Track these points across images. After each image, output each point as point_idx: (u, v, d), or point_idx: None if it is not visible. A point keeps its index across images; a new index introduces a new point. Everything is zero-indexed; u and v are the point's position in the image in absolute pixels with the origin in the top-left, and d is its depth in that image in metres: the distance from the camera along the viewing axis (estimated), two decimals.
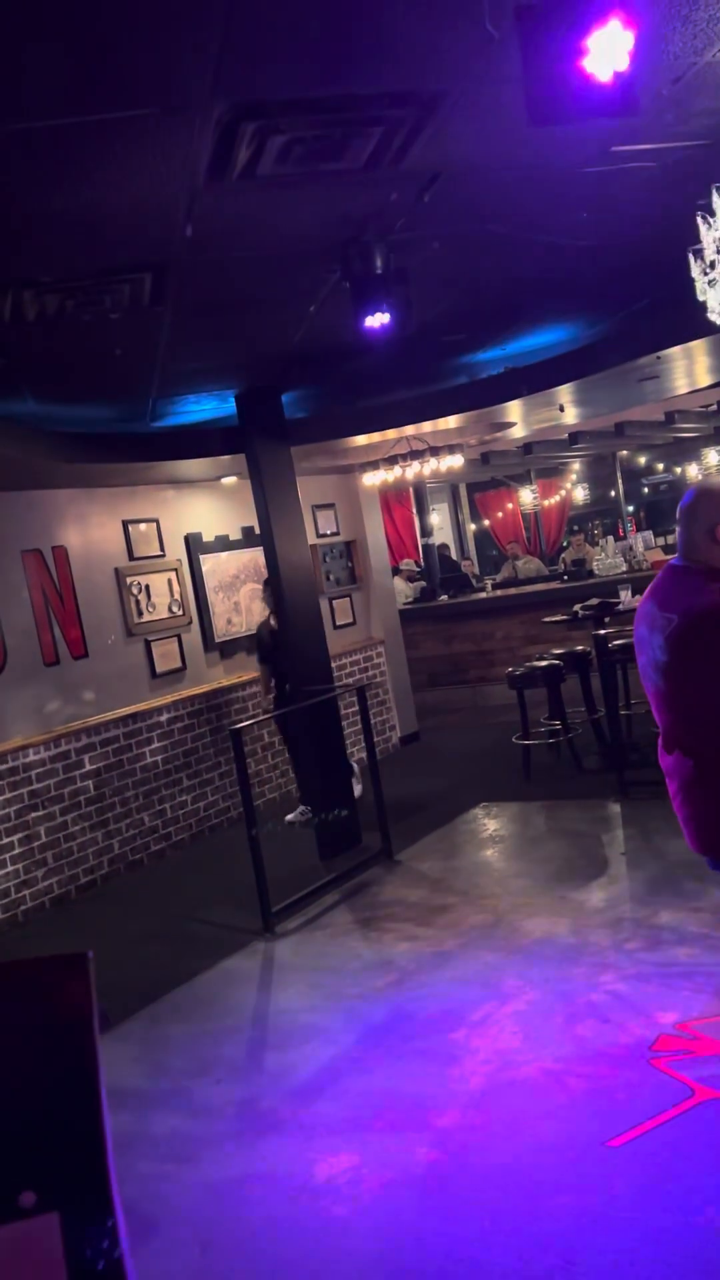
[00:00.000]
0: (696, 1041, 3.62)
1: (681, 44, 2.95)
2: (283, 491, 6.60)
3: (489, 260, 4.79)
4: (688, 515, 2.86)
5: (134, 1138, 3.64)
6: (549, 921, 4.91)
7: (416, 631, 11.13)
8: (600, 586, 9.61)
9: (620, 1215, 2.84)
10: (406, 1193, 3.12)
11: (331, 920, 5.48)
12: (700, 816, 2.92)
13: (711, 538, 2.79)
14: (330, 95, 2.92)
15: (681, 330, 5.95)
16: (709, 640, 2.73)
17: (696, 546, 2.83)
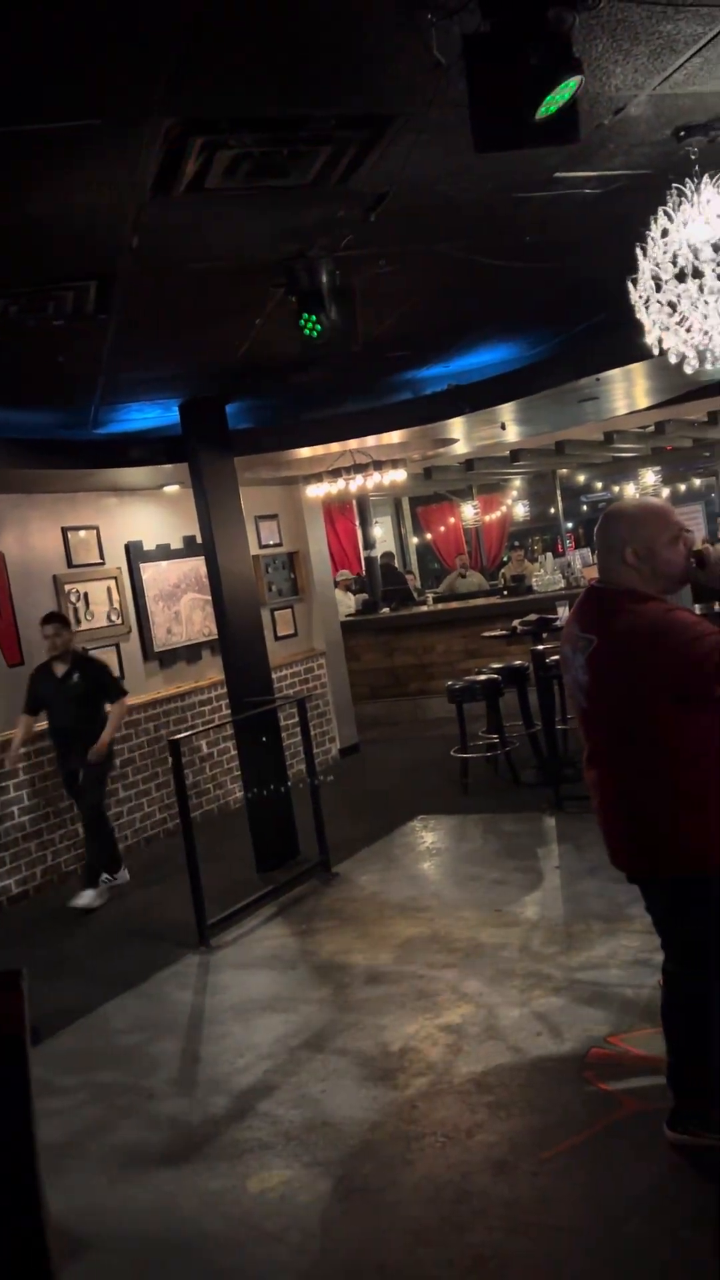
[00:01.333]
0: (626, 1054, 3.68)
1: (623, 77, 3.02)
2: (225, 502, 6.59)
3: (434, 279, 4.85)
4: (602, 539, 2.94)
5: (65, 1153, 3.60)
6: (484, 934, 4.95)
7: (358, 644, 11.17)
8: (539, 602, 9.73)
9: (551, 1225, 2.87)
10: (338, 1205, 3.12)
11: (268, 933, 5.47)
12: (619, 833, 2.98)
13: (625, 560, 2.86)
14: (279, 114, 2.95)
15: (621, 354, 6.07)
16: (626, 660, 2.80)
17: (612, 569, 2.90)
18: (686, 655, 2.72)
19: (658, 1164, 3.05)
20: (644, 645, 2.77)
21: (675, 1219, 2.84)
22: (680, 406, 10.26)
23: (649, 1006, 3.90)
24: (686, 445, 15.76)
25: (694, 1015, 3.01)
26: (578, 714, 3.06)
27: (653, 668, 2.75)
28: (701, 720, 2.79)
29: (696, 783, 2.81)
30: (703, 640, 2.72)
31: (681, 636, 2.73)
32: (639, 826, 2.91)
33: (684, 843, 2.84)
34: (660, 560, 2.86)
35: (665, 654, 2.73)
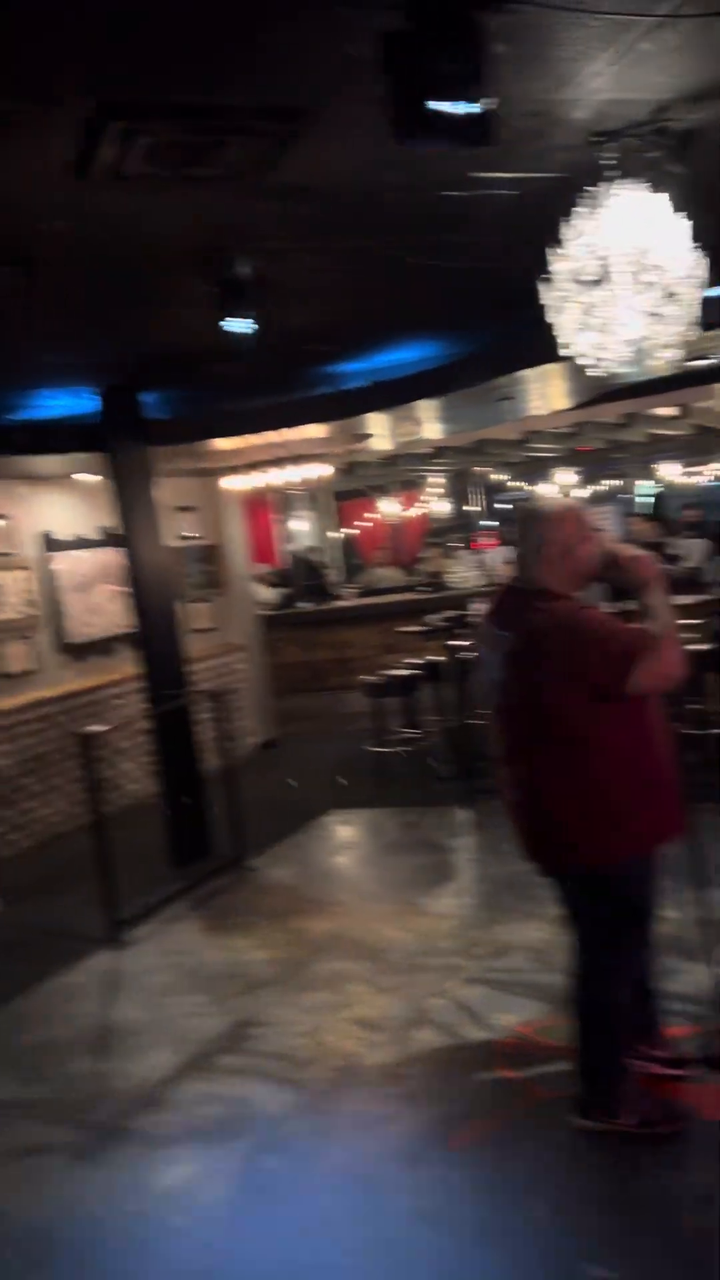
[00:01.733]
0: (535, 1044, 3.74)
1: (540, 80, 3.06)
2: (142, 492, 6.51)
3: (355, 274, 4.86)
4: (521, 538, 2.99)
5: None
6: (397, 928, 4.98)
7: (277, 638, 11.13)
8: (455, 599, 9.81)
9: (459, 1214, 2.91)
10: (245, 1199, 3.12)
11: (180, 928, 5.43)
12: (532, 828, 3.04)
13: (545, 559, 2.92)
14: (199, 102, 2.93)
15: (536, 354, 6.14)
16: (541, 657, 2.85)
17: (530, 567, 2.96)
18: (600, 651, 2.78)
19: (564, 1150, 3.11)
20: (560, 643, 2.82)
21: (579, 1204, 2.90)
22: (596, 409, 10.46)
23: (557, 996, 3.96)
24: (601, 447, 16.06)
25: (599, 1004, 3.08)
26: (492, 710, 3.10)
27: (568, 665, 2.81)
28: (613, 716, 2.86)
29: (607, 778, 2.88)
30: (615, 638, 2.80)
31: (595, 634, 2.80)
32: (551, 821, 2.97)
33: (594, 837, 2.91)
34: (577, 559, 2.92)
35: (580, 651, 2.80)
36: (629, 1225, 2.79)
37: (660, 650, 2.79)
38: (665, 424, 13.12)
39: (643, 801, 2.91)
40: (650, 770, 2.92)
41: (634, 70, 3.08)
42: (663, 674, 2.82)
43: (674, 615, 2.90)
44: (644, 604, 2.93)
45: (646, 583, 2.93)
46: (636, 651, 2.78)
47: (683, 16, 2.78)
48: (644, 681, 2.79)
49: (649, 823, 2.93)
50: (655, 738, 2.95)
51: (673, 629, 2.86)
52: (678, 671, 2.85)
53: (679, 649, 2.85)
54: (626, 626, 2.87)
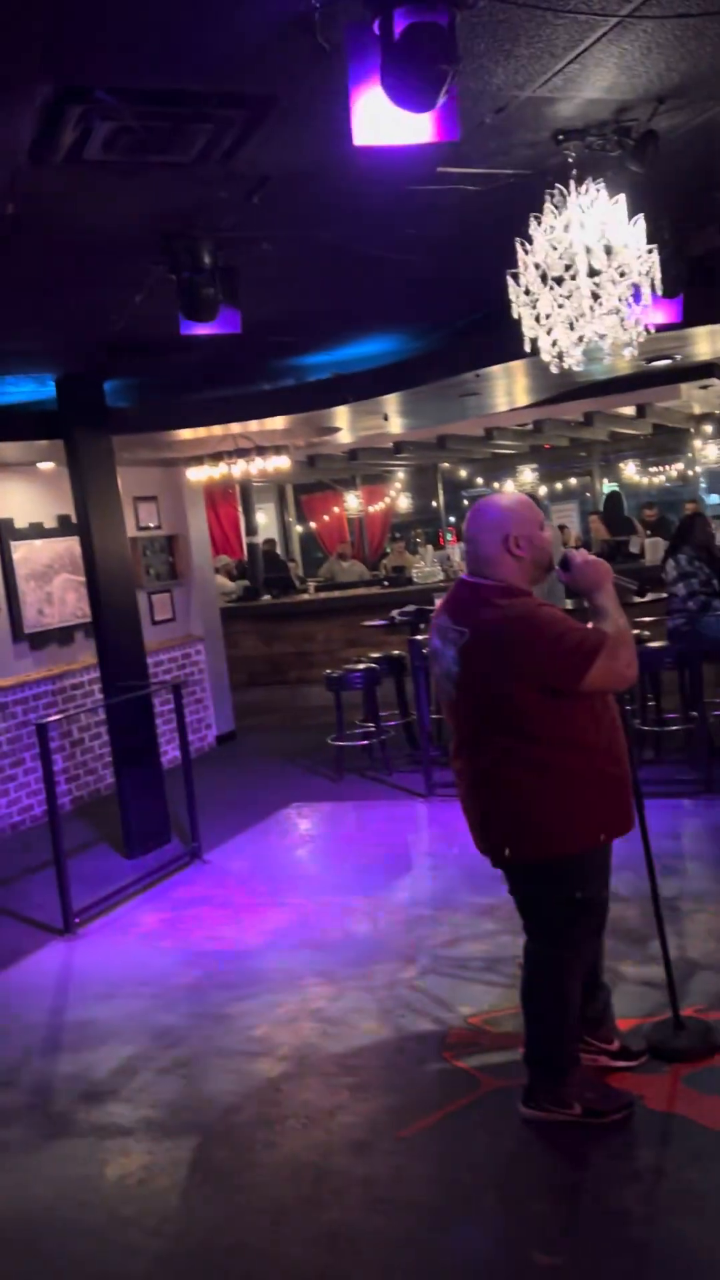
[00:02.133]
0: (486, 1034, 3.77)
1: (504, 77, 3.08)
2: (102, 481, 6.47)
3: (318, 266, 4.85)
4: (473, 531, 3.00)
5: None
6: (354, 920, 5.00)
7: (238, 630, 11.10)
8: (418, 593, 9.85)
9: (406, 1201, 2.93)
10: (197, 1189, 3.12)
11: (136, 920, 5.41)
12: (484, 819, 3.06)
13: (509, 551, 2.94)
14: (160, 88, 2.91)
15: (501, 351, 6.17)
16: (496, 652, 2.88)
17: (484, 560, 2.98)
18: (554, 649, 2.81)
19: (512, 1139, 3.15)
20: (514, 638, 2.84)
21: (526, 1192, 2.94)
22: (558, 406, 10.52)
23: (510, 987, 4.01)
24: (563, 444, 16.17)
25: (550, 994, 3.11)
26: (446, 705, 3.12)
27: (521, 660, 2.83)
28: (564, 710, 2.89)
29: (558, 770, 2.91)
30: (569, 635, 2.82)
31: (550, 631, 2.82)
32: (503, 813, 3.00)
33: (544, 828, 2.94)
34: (528, 552, 2.95)
35: (534, 647, 2.82)
36: (574, 1212, 2.83)
37: (614, 650, 2.82)
38: (626, 423, 13.24)
39: (594, 794, 2.94)
40: (602, 764, 2.95)
41: (597, 70, 3.11)
42: (616, 673, 2.85)
43: (625, 617, 2.94)
44: (595, 605, 2.96)
45: (598, 585, 2.96)
46: (591, 650, 2.80)
47: (645, 17, 2.81)
48: (597, 680, 2.82)
49: (600, 816, 2.97)
50: (607, 732, 2.98)
51: (625, 630, 2.89)
52: (631, 672, 2.89)
53: (632, 650, 2.88)
54: (581, 625, 2.90)
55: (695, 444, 15.77)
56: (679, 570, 6.89)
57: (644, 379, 9.26)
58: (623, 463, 19.73)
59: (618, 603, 2.96)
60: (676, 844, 5.53)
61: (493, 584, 2.96)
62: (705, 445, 16.21)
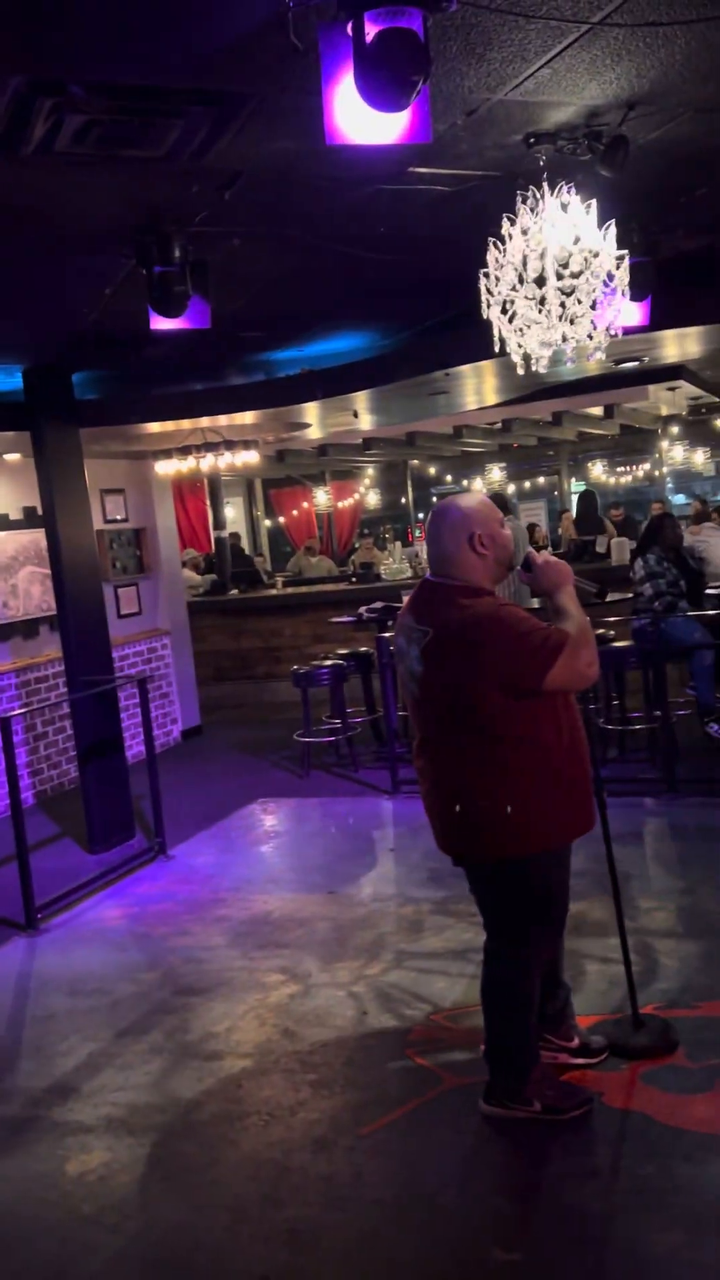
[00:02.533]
0: (448, 1031, 3.80)
1: (476, 80, 3.09)
2: (69, 473, 6.42)
3: (288, 262, 4.85)
4: (436, 531, 3.02)
5: None
6: (317, 916, 5.01)
7: (205, 625, 11.07)
8: (386, 590, 9.87)
9: (366, 1198, 2.95)
10: (158, 1186, 3.12)
11: (99, 916, 5.39)
12: (446, 818, 3.08)
13: (475, 550, 2.96)
14: (133, 83, 2.89)
15: (470, 350, 6.20)
16: (459, 651, 2.89)
17: (448, 560, 2.99)
18: (517, 648, 2.82)
19: (472, 1136, 3.17)
20: (477, 638, 2.86)
21: (486, 1189, 2.96)
22: (526, 405, 10.57)
23: (472, 984, 4.04)
24: (531, 444, 16.24)
25: (510, 992, 3.14)
26: (409, 703, 3.14)
27: (485, 659, 2.84)
28: (526, 710, 2.91)
29: (519, 770, 2.93)
30: (532, 635, 2.84)
31: (513, 631, 2.84)
32: (465, 811, 3.01)
33: (506, 827, 2.95)
34: (499, 546, 2.98)
35: (497, 646, 2.83)
36: (533, 1209, 2.86)
37: (575, 649, 2.84)
38: (594, 423, 13.32)
39: (555, 794, 2.96)
40: (564, 764, 2.98)
41: (568, 74, 3.13)
42: (577, 673, 2.87)
43: (586, 617, 2.96)
44: (556, 605, 2.98)
45: (559, 585, 2.98)
46: (553, 649, 2.82)
47: (616, 25, 2.83)
48: (558, 679, 2.84)
49: (561, 815, 2.99)
50: (569, 732, 3.00)
51: (587, 630, 2.92)
52: (592, 671, 2.91)
53: (593, 649, 2.91)
54: (543, 625, 2.92)
55: (662, 445, 15.90)
56: (647, 570, 6.95)
57: (612, 380, 9.34)
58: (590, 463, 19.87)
59: (578, 603, 2.99)
60: (639, 843, 5.59)
61: (457, 584, 2.97)
62: (672, 446, 16.35)
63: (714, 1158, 2.93)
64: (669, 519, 7.41)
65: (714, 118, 3.57)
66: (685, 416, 14.60)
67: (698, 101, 3.42)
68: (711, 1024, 3.61)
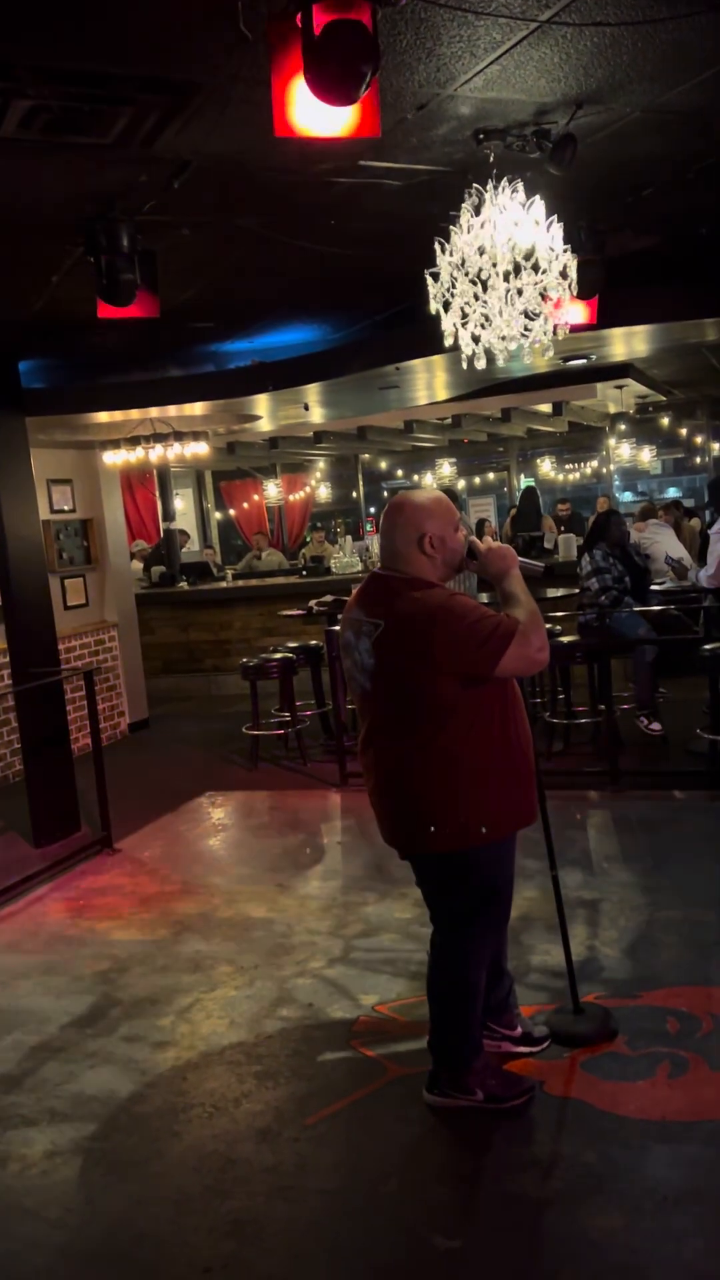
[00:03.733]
0: (392, 1022, 3.82)
1: (426, 75, 3.10)
2: (15, 463, 6.33)
3: (238, 253, 4.83)
4: (390, 526, 3.03)
5: None
6: (264, 909, 5.01)
7: (153, 617, 11.00)
8: (336, 584, 9.87)
9: (310, 1188, 2.96)
10: (101, 1179, 3.11)
11: (43, 909, 5.34)
12: (393, 811, 3.10)
13: (422, 549, 2.98)
14: (80, 69, 2.86)
15: (420, 345, 6.22)
16: (412, 641, 2.91)
17: (398, 555, 3.01)
18: (469, 635, 2.84)
19: (416, 1125, 3.20)
20: (429, 627, 2.87)
21: (429, 1177, 2.99)
22: (476, 401, 10.64)
23: (416, 976, 4.07)
24: (481, 440, 16.34)
25: (455, 983, 3.16)
26: (357, 697, 3.14)
27: (438, 648, 2.86)
28: (475, 701, 2.93)
29: (467, 762, 2.95)
30: (483, 622, 2.86)
31: (465, 620, 2.86)
32: (412, 804, 3.02)
33: (454, 818, 2.97)
34: (444, 549, 2.99)
35: (450, 635, 2.85)
36: (474, 1196, 2.89)
37: (525, 635, 2.87)
38: (543, 420, 13.43)
39: (501, 786, 2.99)
40: (509, 756, 3.00)
41: (517, 72, 3.16)
42: (528, 658, 2.88)
43: (534, 601, 2.99)
44: (504, 592, 3.01)
45: (505, 571, 3.01)
46: (504, 635, 2.84)
47: (564, 24, 2.86)
48: (510, 665, 2.86)
49: (506, 807, 3.02)
50: (515, 725, 3.03)
51: (536, 614, 2.94)
52: (542, 656, 2.92)
53: (543, 633, 2.93)
54: (493, 612, 2.94)
55: (610, 442, 16.08)
56: (593, 566, 7.03)
57: (561, 378, 9.43)
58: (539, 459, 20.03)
59: (525, 587, 3.02)
60: (582, 835, 5.66)
61: (405, 577, 2.99)
62: (619, 444, 16.53)
63: (652, 1144, 2.99)
64: (615, 516, 7.50)
65: (661, 118, 3.62)
66: (633, 415, 14.78)
67: (644, 102, 3.46)
68: (652, 1013, 3.67)
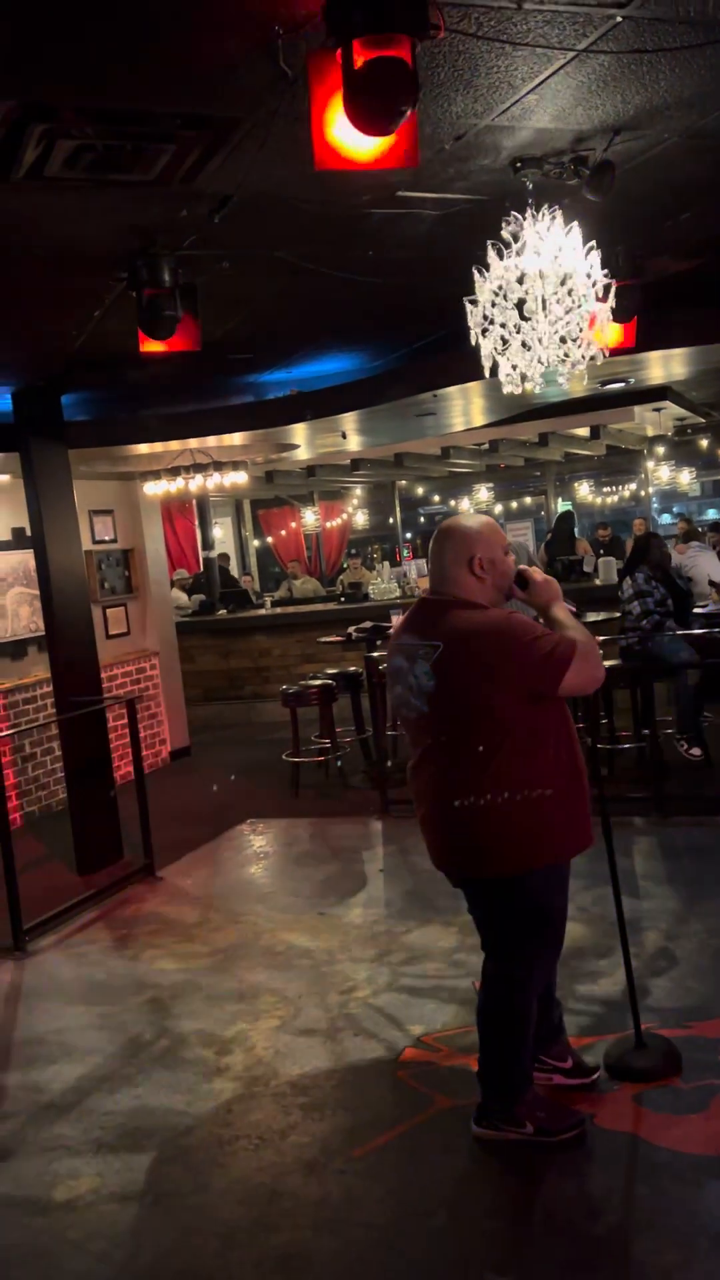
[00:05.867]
0: (439, 1053, 3.78)
1: (463, 106, 3.13)
2: (58, 494, 6.42)
3: (278, 285, 4.88)
4: (443, 552, 3.05)
5: None
6: (307, 938, 4.99)
7: (194, 645, 11.06)
8: (374, 610, 9.88)
9: (358, 1222, 2.93)
10: (147, 1211, 3.09)
11: (88, 938, 5.35)
12: (448, 835, 3.08)
13: (472, 571, 2.98)
14: (124, 108, 2.92)
15: (458, 372, 6.24)
16: (476, 659, 2.92)
17: (447, 579, 3.04)
18: (532, 652, 2.86)
19: (464, 1158, 3.15)
20: (491, 644, 2.90)
21: (478, 1211, 2.95)
22: (513, 426, 10.63)
23: (463, 1006, 4.03)
24: (519, 464, 16.32)
25: (507, 1012, 3.13)
26: (409, 722, 3.13)
27: (505, 664, 2.88)
28: (536, 723, 2.94)
29: (527, 783, 2.94)
30: (545, 639, 2.90)
31: (529, 635, 2.89)
32: (467, 828, 3.00)
33: (508, 843, 2.96)
34: (500, 572, 3.03)
35: (513, 651, 2.88)
36: (526, 1233, 2.84)
37: (585, 653, 2.90)
38: (580, 444, 13.40)
39: (557, 810, 2.98)
40: (565, 779, 3.00)
41: (554, 100, 3.17)
42: (589, 675, 2.93)
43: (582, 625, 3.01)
44: (553, 619, 3.03)
45: (554, 600, 3.07)
46: (566, 651, 2.88)
47: (601, 52, 2.87)
48: (573, 681, 2.89)
49: (562, 831, 3.01)
50: (570, 748, 3.03)
51: (589, 635, 2.99)
52: (600, 673, 2.98)
53: (598, 654, 2.98)
54: (551, 631, 2.98)
55: (648, 465, 16.00)
56: (635, 589, 6.98)
57: (598, 401, 9.41)
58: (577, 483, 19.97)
59: (571, 615, 3.05)
60: (628, 862, 5.58)
61: (455, 600, 3.02)
62: (658, 466, 16.45)
63: (707, 1179, 2.92)
64: (655, 538, 7.45)
65: (699, 143, 3.62)
66: (671, 437, 14.70)
67: (682, 127, 3.47)
68: (704, 1044, 3.60)
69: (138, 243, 3.98)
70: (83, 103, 2.86)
